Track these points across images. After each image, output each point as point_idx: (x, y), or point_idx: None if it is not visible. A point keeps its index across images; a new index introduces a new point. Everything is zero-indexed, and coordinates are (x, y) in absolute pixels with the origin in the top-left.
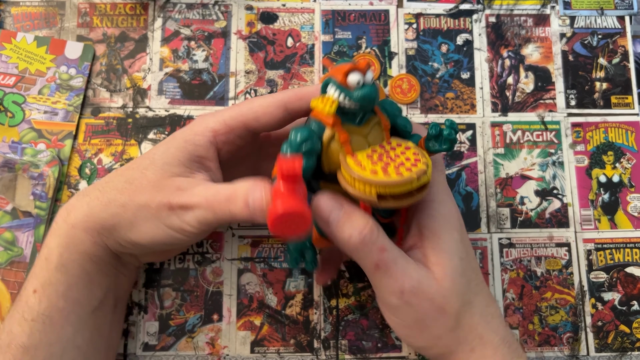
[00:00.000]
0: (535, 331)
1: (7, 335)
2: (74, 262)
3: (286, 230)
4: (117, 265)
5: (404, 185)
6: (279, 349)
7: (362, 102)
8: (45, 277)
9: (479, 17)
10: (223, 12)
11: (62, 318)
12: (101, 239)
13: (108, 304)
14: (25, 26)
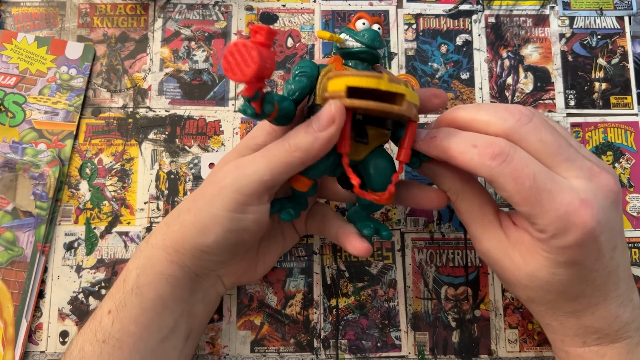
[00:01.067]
0: (534, 331)
1: (79, 353)
2: (150, 284)
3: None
4: (196, 289)
5: (372, 79)
6: (279, 348)
7: (362, 38)
8: (121, 299)
9: (479, 17)
10: (223, 12)
11: (131, 344)
12: (177, 257)
13: (179, 334)
14: (26, 26)
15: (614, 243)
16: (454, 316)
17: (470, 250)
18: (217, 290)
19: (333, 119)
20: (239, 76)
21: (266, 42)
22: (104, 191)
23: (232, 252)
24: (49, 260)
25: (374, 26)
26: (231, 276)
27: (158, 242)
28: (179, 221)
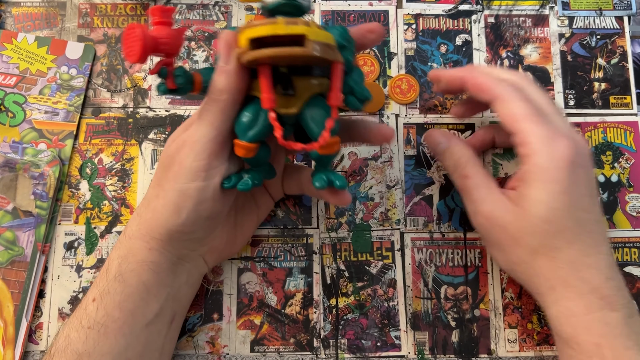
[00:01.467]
0: (534, 330)
1: (65, 340)
2: (132, 271)
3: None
4: (179, 272)
5: (267, 26)
6: (279, 348)
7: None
8: (104, 286)
9: (478, 17)
10: (223, 12)
11: (116, 329)
12: (156, 243)
13: (164, 319)
14: (26, 27)
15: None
16: (453, 316)
17: (469, 250)
18: (200, 270)
19: (229, 46)
20: (132, 58)
21: (161, 21)
22: (104, 191)
23: (208, 226)
24: (49, 259)
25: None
26: (213, 253)
27: (134, 232)
28: (149, 209)
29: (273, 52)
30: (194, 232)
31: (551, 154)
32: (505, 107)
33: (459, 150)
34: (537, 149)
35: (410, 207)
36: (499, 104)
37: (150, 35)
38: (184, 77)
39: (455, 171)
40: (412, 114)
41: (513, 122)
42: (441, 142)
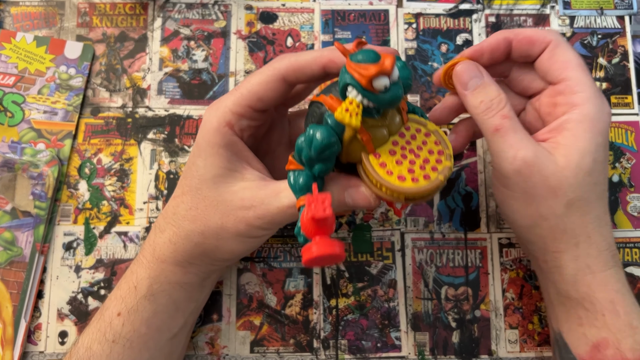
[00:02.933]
0: (535, 331)
1: (86, 352)
2: (163, 292)
3: (320, 263)
4: (206, 285)
5: (433, 190)
6: (279, 348)
7: (391, 105)
8: (132, 303)
9: (479, 17)
10: (223, 11)
11: (142, 343)
12: (194, 268)
13: (186, 330)
14: (25, 26)
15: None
16: (454, 316)
17: (470, 251)
18: (219, 277)
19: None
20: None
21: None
22: (103, 191)
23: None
24: (48, 260)
25: (394, 74)
26: (234, 262)
27: (168, 258)
28: (191, 242)
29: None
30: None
31: (600, 106)
32: (560, 52)
33: (496, 88)
34: (588, 98)
35: (411, 207)
36: (552, 49)
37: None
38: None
39: (489, 110)
40: None
41: (565, 69)
42: (476, 76)
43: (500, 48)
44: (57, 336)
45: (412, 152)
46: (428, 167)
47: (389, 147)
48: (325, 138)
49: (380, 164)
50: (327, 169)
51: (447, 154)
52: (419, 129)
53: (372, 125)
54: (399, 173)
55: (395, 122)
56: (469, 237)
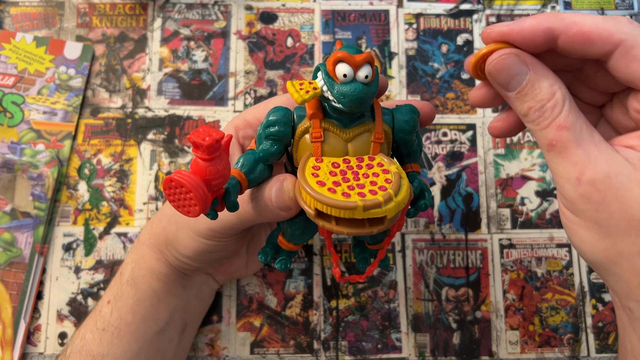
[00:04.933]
0: (535, 332)
1: (80, 341)
2: (143, 277)
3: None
4: (188, 286)
5: (344, 210)
6: (279, 350)
7: (340, 99)
8: (118, 289)
9: (480, 17)
10: (222, 12)
11: (129, 333)
12: (162, 256)
13: (175, 327)
14: (25, 26)
15: None
16: (454, 317)
17: (471, 252)
18: (210, 286)
19: (288, 208)
20: (188, 214)
21: (209, 157)
22: (102, 192)
23: (213, 261)
24: (48, 261)
25: (361, 72)
26: (221, 274)
27: (145, 240)
28: (161, 225)
29: (355, 233)
30: (200, 263)
31: None
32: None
33: (549, 85)
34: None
35: None
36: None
37: (204, 186)
38: (234, 200)
39: (541, 119)
40: None
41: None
42: (519, 72)
43: (537, 42)
44: (57, 337)
45: (354, 175)
46: (356, 190)
47: (336, 160)
48: (279, 114)
49: (313, 166)
50: (269, 152)
51: (387, 193)
52: (382, 164)
53: (332, 131)
54: (323, 179)
55: (360, 144)
56: (470, 238)
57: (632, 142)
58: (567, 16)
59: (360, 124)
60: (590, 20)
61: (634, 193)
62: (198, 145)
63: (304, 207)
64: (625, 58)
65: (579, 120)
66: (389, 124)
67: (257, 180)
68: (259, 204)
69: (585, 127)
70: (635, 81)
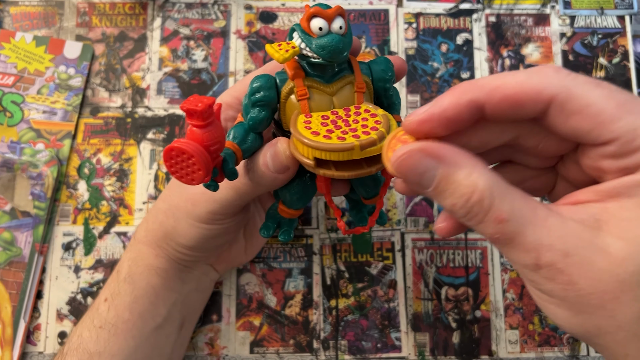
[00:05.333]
0: (535, 331)
1: (78, 338)
2: (140, 274)
3: (180, 171)
4: (187, 279)
5: (342, 152)
6: (279, 349)
7: (320, 52)
8: (115, 287)
9: (479, 16)
10: (222, 11)
11: (126, 330)
12: (162, 251)
13: (173, 323)
14: (24, 26)
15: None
16: (454, 317)
17: (470, 251)
18: (210, 277)
19: (286, 167)
20: (192, 182)
21: (205, 123)
22: (102, 191)
23: (214, 248)
24: (47, 260)
25: (335, 24)
26: (221, 263)
27: (142, 238)
28: (157, 220)
29: (353, 174)
30: (200, 252)
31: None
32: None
33: (466, 175)
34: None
35: (411, 207)
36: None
37: (204, 151)
38: (233, 169)
39: (472, 216)
40: None
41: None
42: (429, 169)
43: (463, 117)
44: (57, 336)
45: (345, 122)
46: (350, 134)
47: (325, 113)
48: (262, 81)
49: (304, 122)
50: (258, 118)
51: (380, 131)
52: (368, 110)
53: (315, 87)
54: (316, 130)
55: (345, 95)
56: (469, 237)
57: (586, 196)
58: (487, 82)
59: (341, 78)
60: (513, 81)
61: (598, 264)
62: (192, 112)
63: (302, 160)
64: (561, 114)
65: (516, 203)
66: (368, 75)
67: (250, 150)
68: (256, 173)
69: (525, 207)
70: (580, 135)
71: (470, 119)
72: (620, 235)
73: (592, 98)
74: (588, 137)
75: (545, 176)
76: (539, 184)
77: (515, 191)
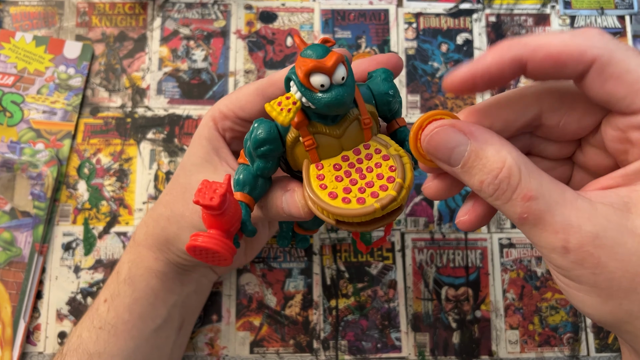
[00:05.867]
0: (535, 331)
1: (77, 339)
2: (141, 276)
3: (206, 258)
4: (187, 281)
5: (364, 216)
6: (279, 349)
7: (327, 110)
8: (115, 288)
9: (479, 16)
10: (222, 11)
11: (126, 331)
12: (162, 254)
13: (172, 324)
14: (24, 26)
15: None
16: (454, 317)
17: (470, 251)
18: (209, 278)
19: (304, 218)
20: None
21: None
22: (102, 191)
23: None
24: (47, 260)
25: (336, 76)
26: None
27: (142, 241)
28: (159, 226)
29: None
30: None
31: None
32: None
33: (495, 152)
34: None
35: (411, 207)
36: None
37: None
38: (251, 226)
39: (500, 194)
40: (413, 113)
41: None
42: (459, 143)
43: (505, 74)
44: (56, 337)
45: (359, 172)
46: (368, 192)
47: (336, 160)
48: (264, 133)
49: (318, 176)
50: (266, 168)
51: (397, 183)
52: (379, 150)
53: (322, 133)
54: (333, 189)
55: (352, 135)
56: (469, 237)
57: (614, 182)
58: (531, 40)
59: (345, 116)
60: (557, 40)
61: (629, 246)
62: (207, 207)
63: (322, 219)
64: (600, 77)
65: (544, 183)
66: (371, 101)
67: (261, 194)
68: (270, 211)
69: (553, 187)
70: (613, 102)
71: (512, 76)
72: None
73: (632, 65)
74: (621, 104)
75: (562, 168)
76: (555, 176)
77: (543, 172)
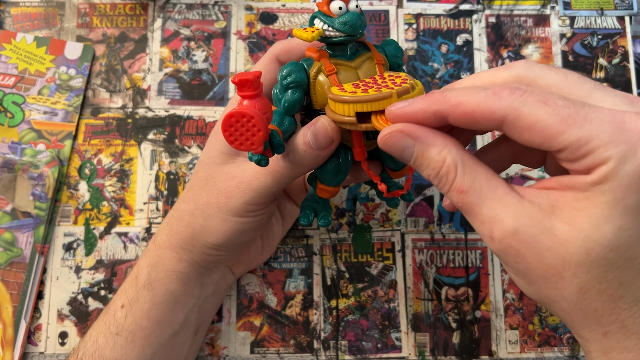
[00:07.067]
0: (535, 331)
1: (93, 345)
2: (161, 280)
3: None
4: (206, 284)
5: (382, 100)
6: (279, 349)
7: (343, 27)
8: (133, 293)
9: (479, 17)
10: (223, 12)
11: (144, 338)
12: (186, 254)
13: (189, 330)
14: (25, 26)
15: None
16: (454, 317)
17: (470, 251)
18: (227, 281)
19: (331, 140)
20: (250, 148)
21: (256, 93)
22: (103, 192)
23: (242, 245)
24: (48, 261)
25: (351, 4)
26: (240, 265)
27: (164, 242)
28: (183, 223)
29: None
30: (228, 250)
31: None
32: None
33: (437, 152)
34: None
35: (411, 207)
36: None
37: (261, 113)
38: (281, 144)
39: (442, 184)
40: None
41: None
42: (408, 146)
43: (430, 123)
44: (57, 337)
45: (375, 83)
46: (384, 88)
47: (354, 82)
48: (289, 66)
49: (339, 89)
50: (292, 101)
51: (410, 82)
52: (392, 75)
53: (340, 64)
54: (353, 90)
55: (367, 67)
56: (469, 237)
57: (552, 184)
58: (453, 97)
59: (361, 55)
60: (473, 100)
61: (544, 243)
62: (244, 82)
63: (343, 120)
64: (515, 130)
65: (477, 180)
66: (382, 53)
67: (288, 131)
68: (296, 154)
69: (486, 183)
70: (535, 145)
71: (437, 124)
72: (568, 222)
73: (538, 116)
74: (542, 147)
75: (536, 151)
76: (531, 158)
77: (482, 169)
